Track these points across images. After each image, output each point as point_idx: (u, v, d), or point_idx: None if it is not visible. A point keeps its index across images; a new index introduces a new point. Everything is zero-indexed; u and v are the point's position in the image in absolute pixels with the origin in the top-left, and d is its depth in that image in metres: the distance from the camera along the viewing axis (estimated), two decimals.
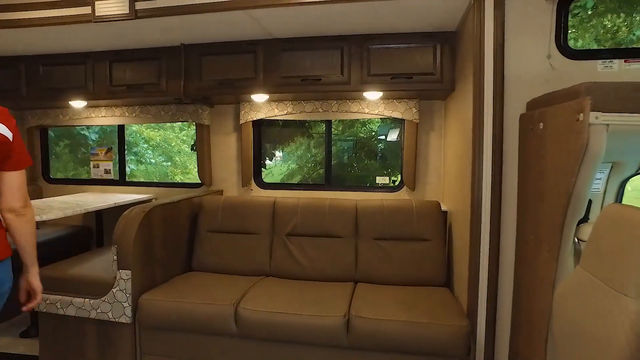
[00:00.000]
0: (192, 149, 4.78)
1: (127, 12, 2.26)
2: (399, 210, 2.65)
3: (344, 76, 2.63)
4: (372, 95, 2.78)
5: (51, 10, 2.43)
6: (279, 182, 4.78)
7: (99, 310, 2.31)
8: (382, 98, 2.90)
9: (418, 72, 2.57)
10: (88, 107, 3.47)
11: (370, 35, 2.60)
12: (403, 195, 3.04)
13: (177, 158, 8.30)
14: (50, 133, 4.06)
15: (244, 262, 2.69)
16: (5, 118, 1.47)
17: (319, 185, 3.21)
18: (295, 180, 4.87)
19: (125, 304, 2.26)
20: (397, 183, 3.28)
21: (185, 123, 4.41)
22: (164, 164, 8.03)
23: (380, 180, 3.37)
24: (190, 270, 2.77)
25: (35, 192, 3.78)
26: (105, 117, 3.50)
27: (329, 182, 3.20)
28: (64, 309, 2.38)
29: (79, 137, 5.98)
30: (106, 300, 2.30)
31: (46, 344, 2.47)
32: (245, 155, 3.16)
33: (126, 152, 3.78)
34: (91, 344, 2.39)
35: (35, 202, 2.98)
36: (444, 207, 2.71)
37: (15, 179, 1.50)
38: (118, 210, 3.27)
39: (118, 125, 3.65)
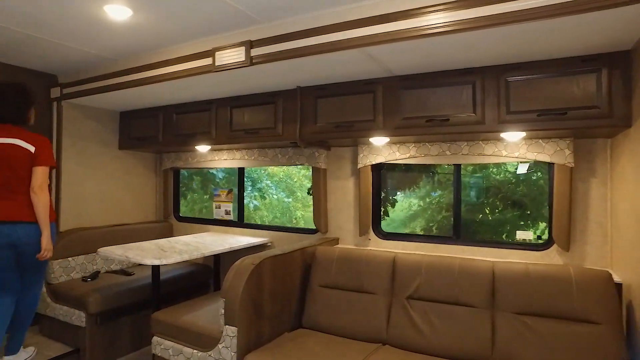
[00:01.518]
0: (308, 193, 4.75)
1: (243, 59, 2.24)
2: (551, 279, 2.08)
3: (476, 115, 2.24)
4: (512, 136, 2.32)
5: (180, 64, 2.57)
6: (398, 230, 4.40)
7: None
8: (525, 138, 2.41)
9: (575, 106, 2.05)
10: (212, 150, 3.63)
11: (509, 65, 2.18)
12: (553, 256, 2.44)
13: (298, 193, 8.51)
14: (184, 172, 4.38)
15: (359, 324, 2.37)
16: (33, 139, 2.51)
17: (446, 238, 2.78)
18: (418, 223, 4.45)
19: None
20: (543, 239, 2.68)
21: None
22: (285, 200, 8.30)
23: (522, 235, 2.80)
24: (300, 327, 2.55)
25: (166, 229, 4.06)
26: (226, 160, 3.61)
27: (458, 234, 2.74)
28: (176, 357, 2.35)
29: (209, 175, 6.50)
30: (212, 355, 2.19)
31: None
32: (364, 202, 2.91)
33: (251, 188, 3.87)
34: None
35: (161, 242, 3.13)
36: (617, 279, 2.06)
37: (38, 171, 2.48)
38: (234, 253, 3.28)
39: (238, 168, 3.74)
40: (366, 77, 2.48)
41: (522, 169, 3.56)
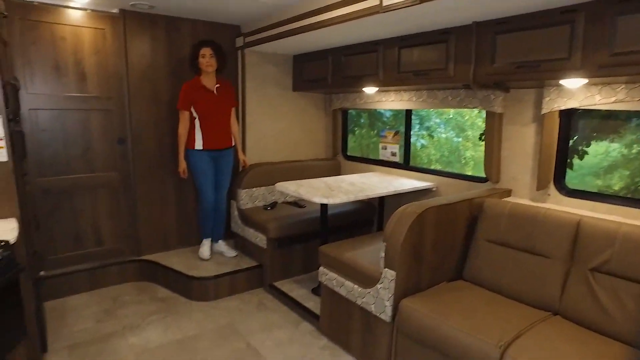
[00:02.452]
0: (480, 139, 4.34)
1: None
2: None
3: None
4: None
5: (346, 7, 2.52)
6: (587, 182, 3.70)
7: (363, 300, 2.39)
8: None
9: None
10: (379, 91, 3.59)
11: None
12: None
13: (469, 132, 7.95)
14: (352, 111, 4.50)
15: (526, 287, 2.18)
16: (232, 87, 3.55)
17: None
18: (616, 177, 3.63)
19: (387, 303, 2.23)
20: None
21: None
22: (455, 139, 7.86)
23: None
24: (461, 279, 2.49)
25: (335, 166, 4.32)
26: (394, 102, 3.54)
27: None
28: (338, 288, 2.59)
29: (377, 114, 6.55)
30: (371, 293, 2.34)
31: (325, 309, 2.78)
32: (546, 152, 2.54)
33: (418, 126, 3.77)
34: (356, 325, 2.52)
35: (329, 181, 3.35)
36: None
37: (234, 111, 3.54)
38: (398, 196, 3.32)
39: (405, 110, 3.64)
40: (564, 3, 2.02)
41: None
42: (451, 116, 8.06)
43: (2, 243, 1.78)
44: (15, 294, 1.89)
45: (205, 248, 3.66)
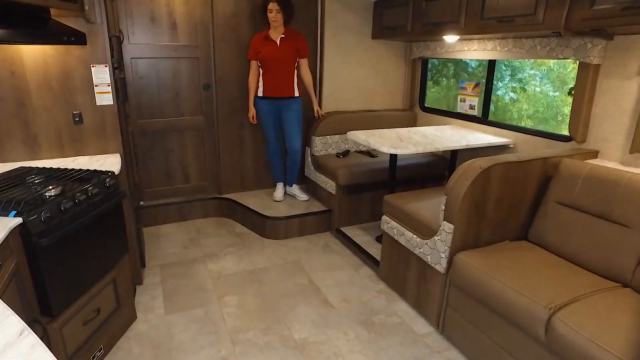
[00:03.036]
0: (569, 94, 3.88)
1: None
2: None
3: None
4: None
5: None
6: None
7: (421, 250, 2.44)
8: None
9: None
10: (461, 40, 3.38)
11: None
12: None
13: (571, 85, 7.13)
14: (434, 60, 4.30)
15: (595, 255, 2.06)
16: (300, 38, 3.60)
17: None
18: None
19: (442, 256, 2.27)
20: None
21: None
22: (550, 94, 7.12)
23: None
24: (525, 239, 2.42)
25: (411, 118, 4.25)
26: (476, 51, 3.33)
27: None
28: (398, 237, 2.66)
29: (461, 63, 6.14)
30: (428, 244, 2.38)
31: (385, 256, 2.89)
32: None
33: (509, 77, 3.53)
34: (413, 274, 2.60)
35: (401, 131, 3.33)
36: None
37: (305, 62, 3.66)
38: (471, 150, 3.21)
39: (489, 60, 3.40)
40: None
41: None
42: (552, 67, 7.27)
43: (109, 173, 2.11)
44: (120, 217, 2.25)
45: (278, 191, 3.92)
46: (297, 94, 3.65)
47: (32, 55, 2.25)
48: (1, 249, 1.41)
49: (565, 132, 2.82)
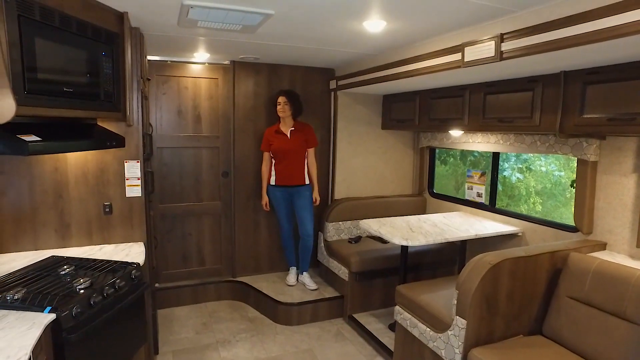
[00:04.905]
0: (571, 186, 4.04)
1: (493, 55, 2.14)
2: None
3: None
4: None
5: (430, 60, 2.67)
6: None
7: (435, 344, 2.43)
8: None
9: None
10: (466, 133, 3.62)
11: None
12: None
13: (574, 165, 7.29)
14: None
15: (611, 354, 2.05)
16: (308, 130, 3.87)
17: None
18: None
19: (457, 351, 2.26)
20: None
21: None
22: (556, 173, 7.28)
23: None
24: (540, 334, 2.41)
25: (420, 203, 4.38)
26: (480, 144, 3.54)
27: None
28: (411, 328, 2.66)
29: (466, 151, 6.46)
30: (442, 338, 2.38)
31: (398, 347, 2.86)
32: None
33: (514, 159, 3.69)
34: None
35: (412, 220, 3.44)
36: None
37: (312, 151, 3.81)
38: (481, 238, 3.29)
39: (492, 152, 3.60)
40: None
41: None
42: None
43: (135, 265, 2.22)
44: (142, 307, 2.32)
45: (291, 275, 3.97)
46: (307, 181, 3.85)
47: (75, 154, 2.48)
48: (35, 346, 1.49)
49: (564, 223, 2.92)
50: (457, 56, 2.43)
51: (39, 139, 1.67)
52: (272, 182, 3.82)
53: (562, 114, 2.44)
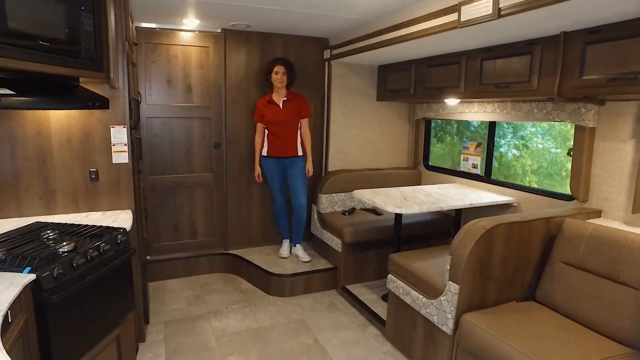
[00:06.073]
0: (568, 154, 3.98)
1: (490, 12, 2.05)
2: None
3: None
4: None
5: (426, 22, 2.58)
6: None
7: (427, 310, 2.42)
8: None
9: None
10: (462, 102, 3.54)
11: None
12: None
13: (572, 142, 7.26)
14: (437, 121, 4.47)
15: (605, 317, 2.03)
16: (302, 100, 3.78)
17: None
18: None
19: (449, 316, 2.24)
20: None
21: None
22: (552, 150, 7.24)
23: None
24: (533, 300, 2.39)
25: (415, 176, 4.33)
26: (477, 113, 3.47)
27: None
28: (404, 296, 2.64)
29: (464, 123, 6.37)
30: (434, 304, 2.36)
31: (391, 316, 2.85)
32: None
33: (511, 135, 3.64)
34: (420, 335, 2.55)
35: (406, 190, 3.39)
36: None
37: (306, 122, 3.75)
38: (475, 209, 3.25)
39: (489, 122, 3.53)
40: None
41: None
42: (553, 124, 7.44)
43: (121, 229, 2.17)
44: (128, 273, 2.27)
45: (284, 248, 3.94)
46: (300, 152, 3.78)
47: (58, 117, 2.40)
48: (13, 306, 1.44)
49: (559, 192, 2.88)
50: (453, 16, 2.34)
51: (13, 92, 1.59)
52: (265, 153, 3.76)
53: (560, 77, 2.36)
